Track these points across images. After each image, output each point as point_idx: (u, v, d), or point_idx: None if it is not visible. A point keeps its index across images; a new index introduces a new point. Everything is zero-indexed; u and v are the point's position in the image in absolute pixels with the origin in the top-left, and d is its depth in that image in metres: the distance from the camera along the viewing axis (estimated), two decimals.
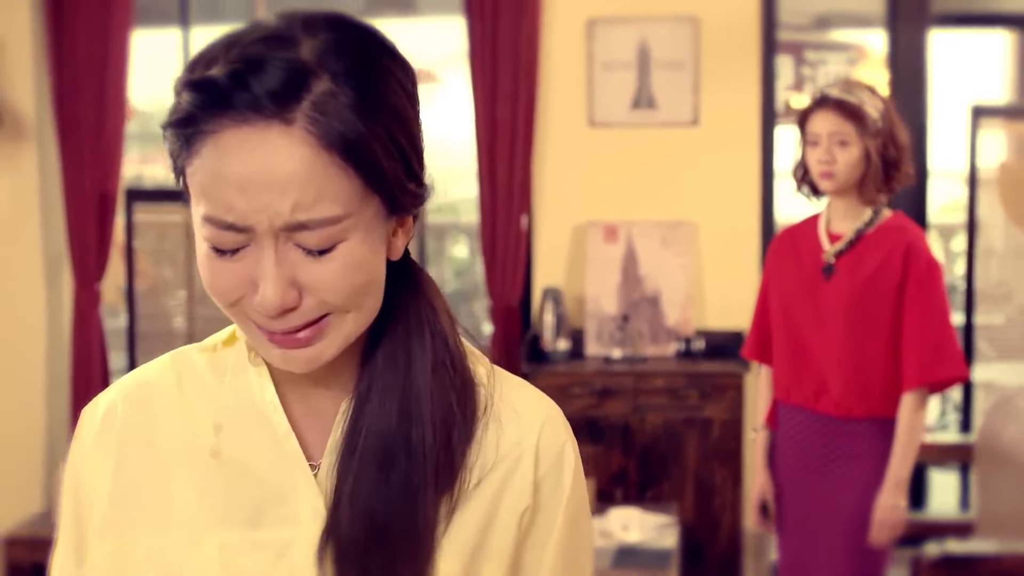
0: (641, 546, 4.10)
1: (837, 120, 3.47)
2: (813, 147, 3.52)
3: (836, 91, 3.51)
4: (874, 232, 3.54)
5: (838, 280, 3.54)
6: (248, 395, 1.29)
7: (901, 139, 3.52)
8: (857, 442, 3.55)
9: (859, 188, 3.51)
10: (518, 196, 5.64)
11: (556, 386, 5.34)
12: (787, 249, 3.72)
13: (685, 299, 5.65)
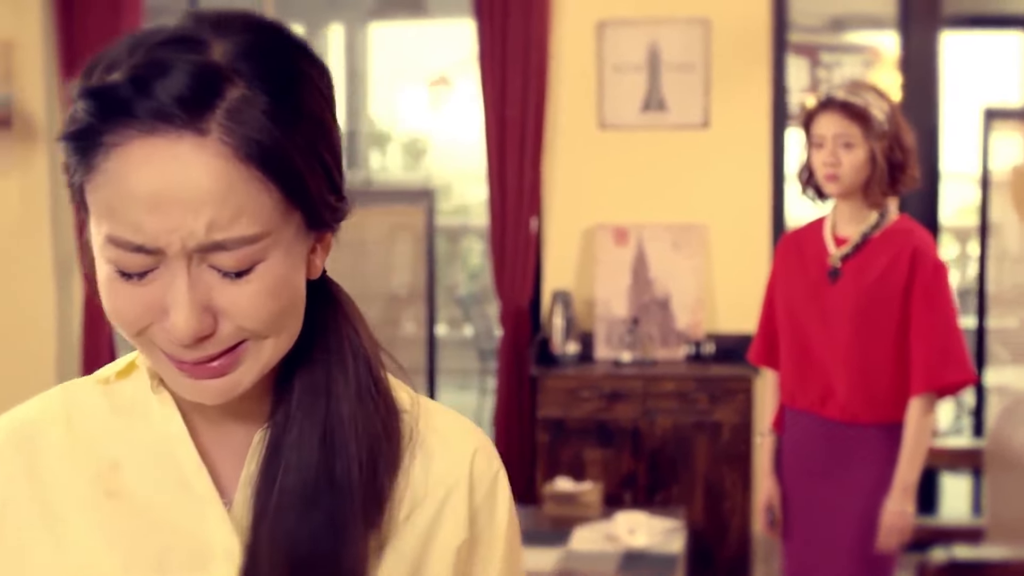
0: (648, 550, 4.08)
1: (842, 122, 3.43)
2: (818, 149, 3.48)
3: (842, 93, 3.47)
4: (880, 235, 3.51)
5: (844, 284, 3.51)
6: (150, 428, 1.17)
7: (907, 142, 3.49)
8: (864, 447, 3.52)
9: (864, 191, 3.48)
10: (528, 198, 5.63)
11: (565, 389, 5.32)
12: (792, 253, 3.69)
13: (695, 302, 5.63)
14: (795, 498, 3.68)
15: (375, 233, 5.90)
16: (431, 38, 6.85)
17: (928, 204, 5.83)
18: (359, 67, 11.54)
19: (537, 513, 4.60)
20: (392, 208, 5.82)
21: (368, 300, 6.04)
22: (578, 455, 5.32)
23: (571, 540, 4.18)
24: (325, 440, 1.14)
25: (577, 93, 5.74)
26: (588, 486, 4.57)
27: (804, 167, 3.58)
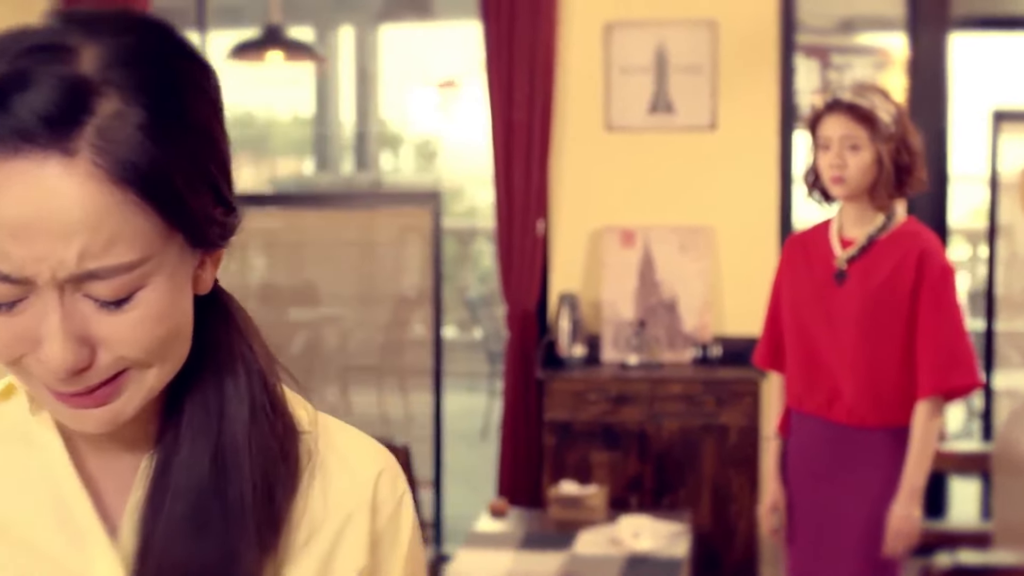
0: (652, 554, 4.07)
1: (849, 124, 3.43)
2: (824, 151, 3.47)
3: (848, 95, 3.46)
4: (887, 237, 3.50)
5: (850, 286, 3.50)
6: (30, 454, 1.09)
7: (914, 144, 3.48)
8: (870, 451, 3.51)
9: (871, 193, 3.47)
10: (535, 201, 5.62)
11: (572, 392, 5.31)
12: (798, 255, 3.68)
13: (702, 304, 5.61)
14: (800, 501, 3.67)
15: (385, 235, 5.90)
16: (441, 40, 6.84)
17: (937, 206, 5.81)
18: (370, 69, 11.55)
19: (542, 516, 4.59)
20: (402, 210, 5.81)
21: (377, 302, 6.04)
22: (585, 458, 5.31)
23: (575, 544, 4.17)
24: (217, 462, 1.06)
25: (584, 95, 5.73)
26: (593, 489, 4.56)
27: (810, 169, 3.58)
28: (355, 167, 12.18)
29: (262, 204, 6.25)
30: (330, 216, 5.95)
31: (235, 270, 6.21)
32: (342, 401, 6.38)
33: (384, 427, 6.00)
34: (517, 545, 4.20)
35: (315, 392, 6.23)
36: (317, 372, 6.37)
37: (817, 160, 3.52)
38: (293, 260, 6.17)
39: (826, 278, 3.55)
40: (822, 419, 3.57)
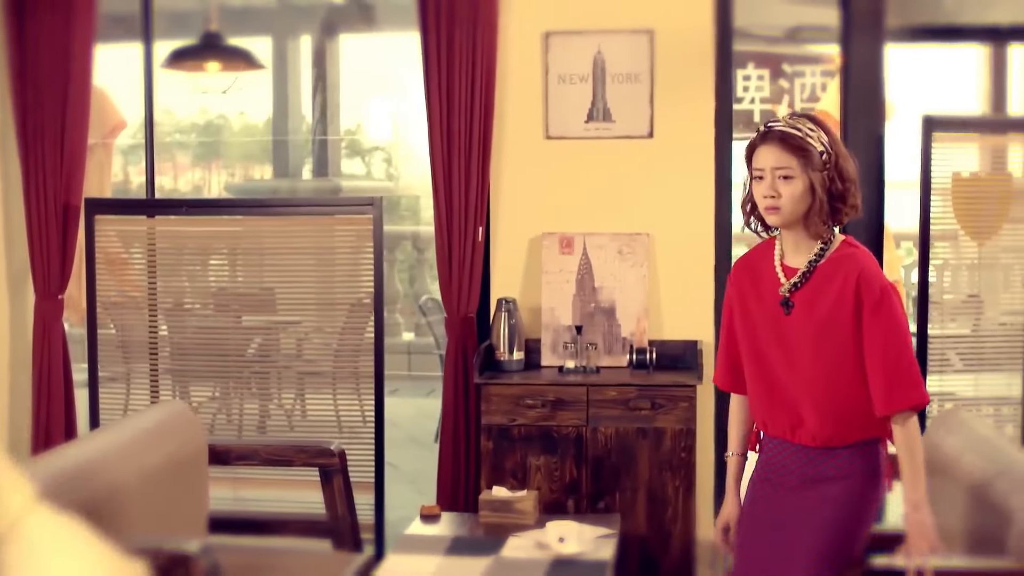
0: (577, 558, 4.12)
1: (781, 154, 3.48)
2: (758, 181, 3.53)
3: (780, 124, 3.52)
4: (827, 263, 3.55)
5: (797, 315, 3.56)
6: None
7: (848, 171, 3.54)
8: (838, 464, 3.58)
9: (805, 222, 3.52)
10: (475, 207, 5.67)
11: (510, 396, 5.36)
12: (745, 281, 3.73)
13: (640, 310, 5.68)
14: (760, 502, 3.73)
15: (342, 241, 5.94)
16: (381, 49, 6.89)
17: (875, 212, 5.88)
18: (331, 77, 11.60)
19: (473, 521, 4.64)
20: (360, 217, 5.86)
21: (335, 307, 6.08)
22: (522, 462, 5.36)
23: (503, 548, 4.22)
24: None
25: (523, 103, 5.80)
26: (523, 494, 4.61)
27: (747, 199, 3.63)
28: (314, 174, 12.22)
29: (197, 209, 6.30)
30: (286, 222, 5.99)
31: (194, 275, 6.26)
32: (298, 405, 6.43)
33: (338, 431, 6.04)
34: (445, 550, 4.25)
35: (271, 397, 6.29)
36: (273, 377, 6.42)
37: (752, 190, 3.58)
38: (250, 266, 6.21)
39: (774, 307, 3.61)
40: (788, 442, 3.64)
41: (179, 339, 6.21)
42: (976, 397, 5.88)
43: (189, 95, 8.12)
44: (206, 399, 6.41)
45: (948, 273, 6.02)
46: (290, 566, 4.54)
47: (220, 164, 14.22)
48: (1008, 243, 5.84)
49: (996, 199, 5.83)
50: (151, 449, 4.40)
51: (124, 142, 7.64)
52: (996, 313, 6.05)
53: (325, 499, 4.83)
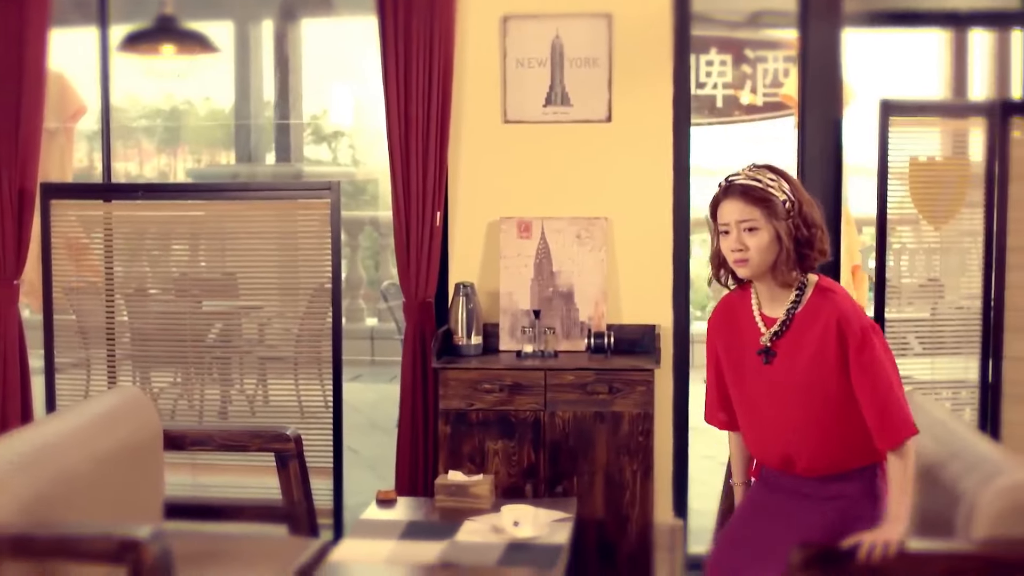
0: (532, 542, 4.12)
1: (744, 207, 3.53)
2: (725, 236, 3.59)
3: (741, 178, 3.58)
4: (804, 310, 3.59)
5: (781, 363, 3.59)
6: None
7: (813, 217, 3.58)
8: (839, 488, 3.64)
9: (773, 271, 3.57)
10: (433, 192, 5.66)
11: (467, 381, 5.36)
12: (726, 329, 3.77)
13: (598, 294, 5.68)
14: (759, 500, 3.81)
15: (303, 226, 5.92)
16: (339, 35, 6.86)
17: (833, 197, 5.90)
18: (292, 62, 11.55)
19: (429, 505, 4.63)
20: (321, 202, 5.84)
21: (297, 292, 6.06)
22: (480, 447, 5.36)
23: (458, 532, 4.22)
24: None
25: (481, 88, 5.78)
26: (479, 478, 4.61)
27: (715, 253, 3.68)
28: (276, 159, 12.18)
29: (153, 194, 6.28)
30: (245, 207, 5.97)
31: (154, 260, 6.23)
32: (260, 391, 6.41)
33: (300, 417, 6.02)
34: (400, 534, 4.25)
35: (233, 383, 6.27)
36: (234, 362, 6.40)
37: (719, 244, 3.63)
38: (211, 251, 6.18)
39: (754, 356, 3.65)
40: (786, 472, 3.68)
41: (139, 325, 6.19)
42: (933, 381, 5.90)
43: (147, 79, 8.08)
44: (167, 385, 6.38)
45: (905, 257, 6.04)
46: (246, 552, 4.52)
47: (186, 151, 14.16)
48: (967, 227, 5.86)
49: (953, 183, 5.85)
50: (104, 434, 4.38)
51: (90, 128, 7.60)
52: (955, 297, 6.07)
53: (281, 484, 4.81)
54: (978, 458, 3.72)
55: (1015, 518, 3.47)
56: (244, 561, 4.41)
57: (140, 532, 3.53)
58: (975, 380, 5.90)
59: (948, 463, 3.83)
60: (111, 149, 6.48)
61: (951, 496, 3.69)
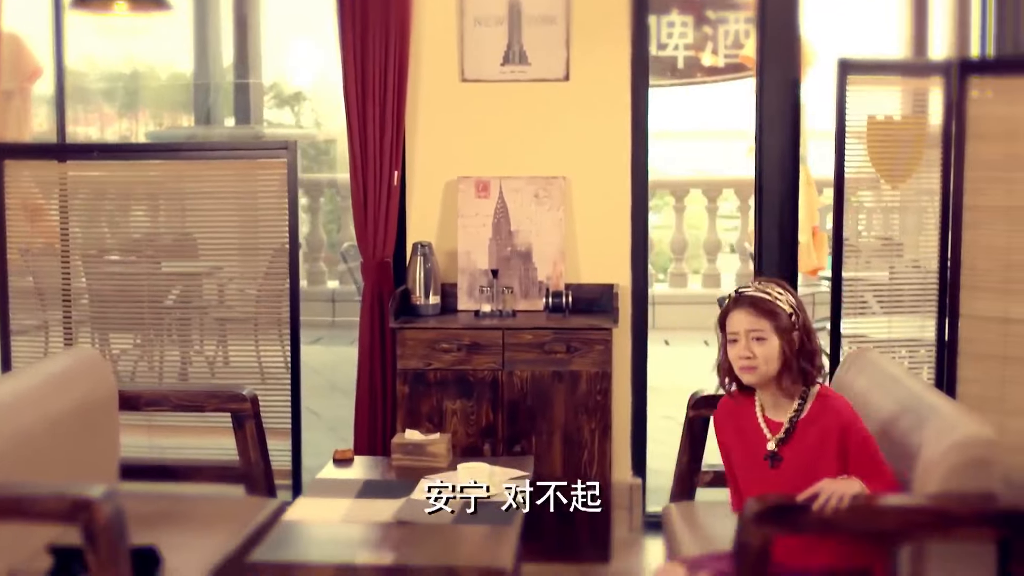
0: (488, 500, 4.11)
1: (753, 318, 3.71)
2: (733, 344, 3.75)
3: (750, 290, 3.76)
4: (808, 417, 3.73)
5: (786, 467, 3.72)
6: None
7: (813, 333, 3.77)
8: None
9: (778, 380, 3.73)
10: (390, 152, 5.63)
11: (425, 340, 5.35)
12: (732, 430, 3.91)
13: (556, 254, 5.67)
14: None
15: (263, 185, 5.88)
16: None
17: (791, 158, 5.90)
18: (251, 21, 11.47)
19: (386, 464, 4.62)
20: (279, 161, 5.80)
21: (257, 253, 6.02)
22: (438, 407, 5.36)
23: (414, 491, 4.21)
24: None
25: (439, 46, 5.75)
26: (436, 437, 4.60)
27: (722, 361, 3.83)
28: (236, 121, 12.11)
29: (108, 154, 6.24)
30: (202, 167, 5.93)
31: (112, 222, 6.19)
32: (220, 353, 6.38)
33: (260, 379, 6.00)
34: (356, 493, 4.24)
35: (193, 345, 6.24)
36: (194, 324, 6.36)
37: (727, 352, 3.79)
38: (170, 211, 6.14)
39: (760, 459, 3.78)
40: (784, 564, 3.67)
41: (98, 287, 6.14)
42: (890, 339, 5.92)
43: (102, 38, 8.00)
44: (127, 348, 6.34)
45: (863, 216, 6.05)
46: (203, 512, 4.51)
47: (147, 115, 14.07)
48: (926, 186, 5.87)
49: (911, 142, 5.85)
50: (59, 395, 4.35)
51: (50, 92, 7.53)
52: (913, 256, 6.09)
53: (238, 445, 4.80)
54: (931, 413, 3.73)
55: (967, 472, 3.49)
56: (201, 521, 4.39)
57: (93, 491, 3.51)
58: (932, 339, 5.93)
59: (901, 418, 3.84)
60: (66, 108, 6.41)
61: (904, 451, 3.71)
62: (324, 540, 3.82)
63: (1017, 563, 3.44)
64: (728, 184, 11.74)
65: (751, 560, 3.39)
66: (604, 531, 5.43)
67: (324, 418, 8.05)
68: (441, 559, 3.64)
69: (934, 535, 3.49)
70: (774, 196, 5.94)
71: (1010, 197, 5.64)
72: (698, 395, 4.65)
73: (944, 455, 3.50)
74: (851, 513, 3.42)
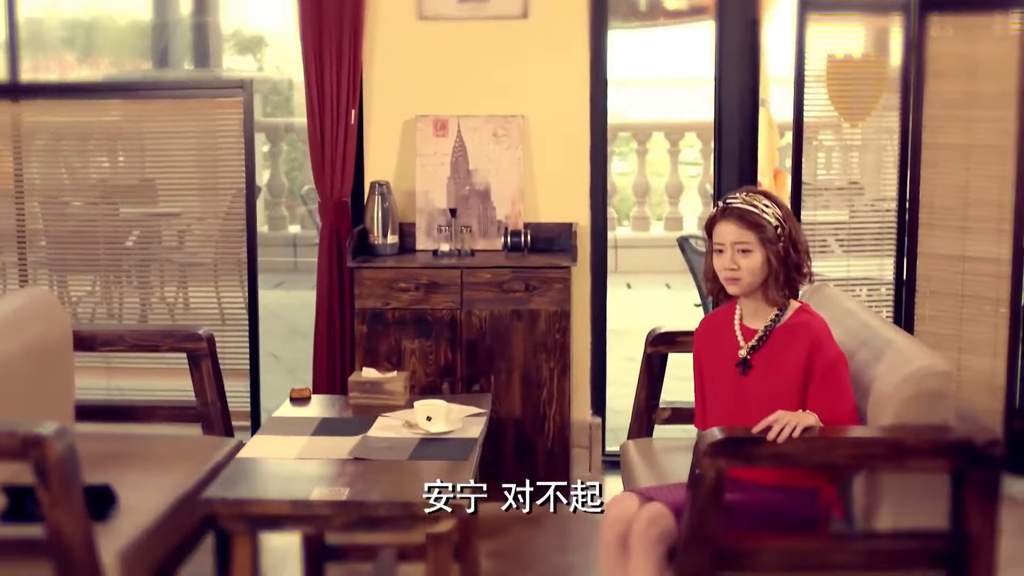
0: (445, 436, 4.10)
1: (739, 230, 3.74)
2: (719, 254, 3.79)
3: (737, 201, 3.77)
4: (782, 328, 3.77)
5: (755, 375, 3.76)
6: None
7: (801, 243, 3.79)
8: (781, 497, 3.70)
9: (763, 290, 3.77)
10: (347, 91, 5.58)
11: (383, 280, 5.33)
12: (709, 340, 3.96)
13: (515, 193, 5.64)
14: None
15: (222, 126, 5.82)
16: None
17: (750, 100, 5.89)
18: None
19: (343, 403, 4.60)
20: (235, 100, 5.75)
21: (219, 193, 5.97)
22: (397, 346, 5.34)
23: (371, 428, 4.19)
24: None
25: None
26: (393, 375, 4.58)
27: (708, 269, 3.88)
28: (195, 65, 12.01)
29: (63, 94, 6.18)
30: (159, 107, 5.87)
31: (70, 165, 6.12)
32: (180, 297, 6.33)
33: (221, 323, 5.96)
34: (313, 431, 4.21)
35: (153, 289, 6.19)
36: (154, 268, 6.30)
37: (713, 262, 3.83)
38: (129, 152, 6.07)
39: (733, 366, 3.82)
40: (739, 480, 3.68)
41: (55, 231, 6.08)
42: (849, 278, 5.93)
43: None
44: (86, 293, 6.29)
45: (822, 154, 6.05)
46: (159, 452, 4.48)
47: (107, 62, 13.94)
48: (885, 125, 5.87)
49: (871, 81, 5.85)
50: (11, 335, 4.30)
51: (3, 35, 7.43)
52: (873, 197, 6.09)
53: (194, 385, 4.76)
54: (887, 347, 3.73)
55: (921, 404, 3.50)
56: (157, 461, 4.36)
57: (44, 428, 3.47)
58: (891, 278, 5.95)
59: (858, 352, 3.84)
60: (20, 49, 6.32)
61: (859, 384, 3.71)
62: (279, 476, 3.80)
63: (970, 494, 3.46)
64: (690, 127, 11.72)
65: (706, 492, 3.39)
66: (564, 470, 5.43)
67: (284, 361, 8.03)
68: (398, 495, 3.62)
69: (888, 467, 3.50)
70: (734, 138, 5.93)
71: (969, 135, 5.65)
72: (656, 332, 4.65)
73: (898, 387, 3.51)
74: (805, 444, 3.42)
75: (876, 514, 3.60)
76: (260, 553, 3.94)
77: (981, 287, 5.65)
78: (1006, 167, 5.53)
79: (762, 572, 3.53)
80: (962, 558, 3.48)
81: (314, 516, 3.59)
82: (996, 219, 5.59)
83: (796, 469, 3.67)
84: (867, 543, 3.57)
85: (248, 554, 3.64)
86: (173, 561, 4.06)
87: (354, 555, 4.66)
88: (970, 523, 3.46)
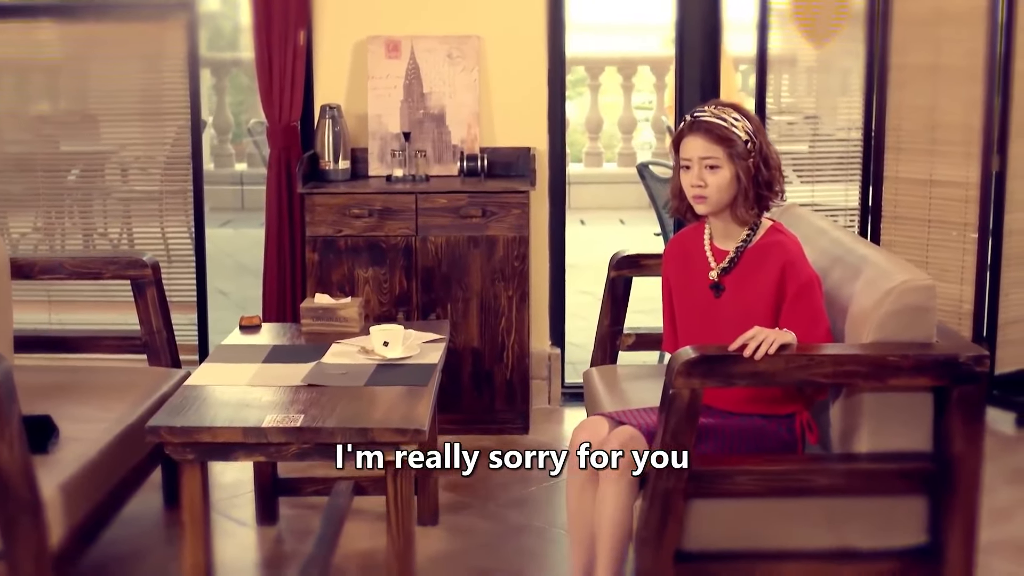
0: (402, 362, 3.94)
1: (707, 144, 3.55)
2: (686, 171, 3.61)
3: (706, 115, 3.58)
4: (754, 248, 3.62)
5: (727, 297, 3.62)
6: None
7: (772, 158, 3.61)
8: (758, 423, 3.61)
9: (731, 208, 3.59)
10: (295, 11, 5.37)
11: (335, 206, 5.15)
12: (678, 261, 3.79)
13: (471, 116, 5.45)
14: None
15: (167, 47, 5.60)
16: None
17: (711, 35, 5.75)
18: None
19: (296, 330, 4.42)
20: (179, 22, 5.53)
21: (165, 119, 5.73)
22: (350, 274, 5.17)
23: (326, 355, 4.02)
24: None
25: None
26: (347, 301, 4.40)
27: (675, 187, 3.69)
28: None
29: None
30: (101, 30, 5.64)
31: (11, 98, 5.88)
32: (125, 234, 6.10)
33: (167, 260, 5.75)
34: (264, 358, 4.04)
35: (96, 226, 5.96)
36: (97, 203, 6.06)
37: (680, 179, 3.64)
38: (71, 78, 5.83)
39: (705, 289, 3.66)
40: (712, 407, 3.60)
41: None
42: (813, 204, 5.80)
43: None
44: (28, 231, 6.05)
45: (786, 77, 5.90)
46: (104, 382, 4.30)
47: None
48: (850, 47, 5.72)
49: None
50: None
51: None
52: (835, 126, 5.96)
53: (139, 314, 4.57)
54: (864, 263, 3.59)
55: (903, 320, 3.36)
56: (101, 392, 4.19)
57: None
58: (855, 205, 5.82)
59: (831, 270, 3.71)
60: None
61: (836, 303, 3.58)
62: (230, 404, 3.62)
63: (954, 414, 3.32)
64: (643, 61, 11.54)
65: (680, 412, 3.24)
66: (523, 402, 5.29)
67: (233, 298, 7.84)
68: (354, 421, 3.44)
69: (869, 385, 3.36)
70: (695, 72, 5.78)
71: (937, 55, 5.51)
72: (620, 255, 4.50)
73: (879, 302, 3.36)
74: (784, 362, 3.27)
75: (854, 440, 3.46)
76: (210, 487, 3.77)
77: (948, 211, 5.52)
78: (975, 89, 5.39)
79: (737, 497, 3.39)
80: (945, 480, 3.36)
81: (267, 444, 3.40)
82: (964, 142, 5.46)
83: (770, 392, 3.54)
84: (846, 464, 3.43)
85: (198, 486, 3.45)
86: (119, 496, 3.89)
87: (308, 489, 4.51)
88: (954, 444, 3.33)
